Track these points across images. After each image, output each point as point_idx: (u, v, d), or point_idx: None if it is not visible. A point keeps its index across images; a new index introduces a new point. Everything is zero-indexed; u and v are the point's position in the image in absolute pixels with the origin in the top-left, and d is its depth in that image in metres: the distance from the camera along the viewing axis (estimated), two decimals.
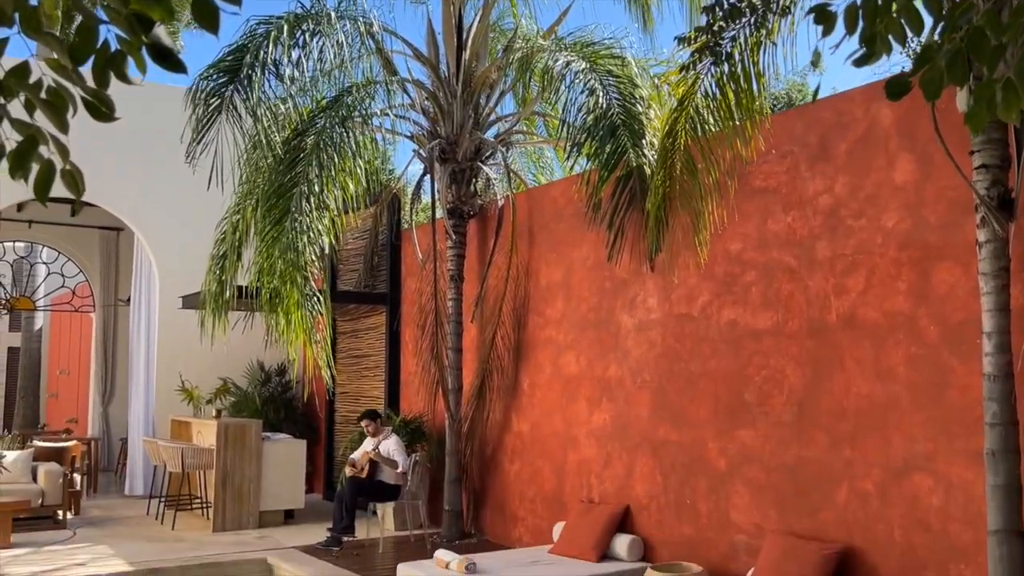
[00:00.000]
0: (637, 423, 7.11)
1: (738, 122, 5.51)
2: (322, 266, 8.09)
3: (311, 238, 7.46)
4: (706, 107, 5.61)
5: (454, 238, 8.89)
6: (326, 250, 7.85)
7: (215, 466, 9.24)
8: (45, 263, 15.87)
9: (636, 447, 7.10)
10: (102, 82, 1.73)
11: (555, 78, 7.91)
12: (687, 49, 5.41)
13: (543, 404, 8.20)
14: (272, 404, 11.44)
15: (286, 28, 7.79)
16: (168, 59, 1.71)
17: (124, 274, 14.11)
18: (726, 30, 5.16)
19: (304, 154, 7.66)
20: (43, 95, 1.75)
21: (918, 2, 2.26)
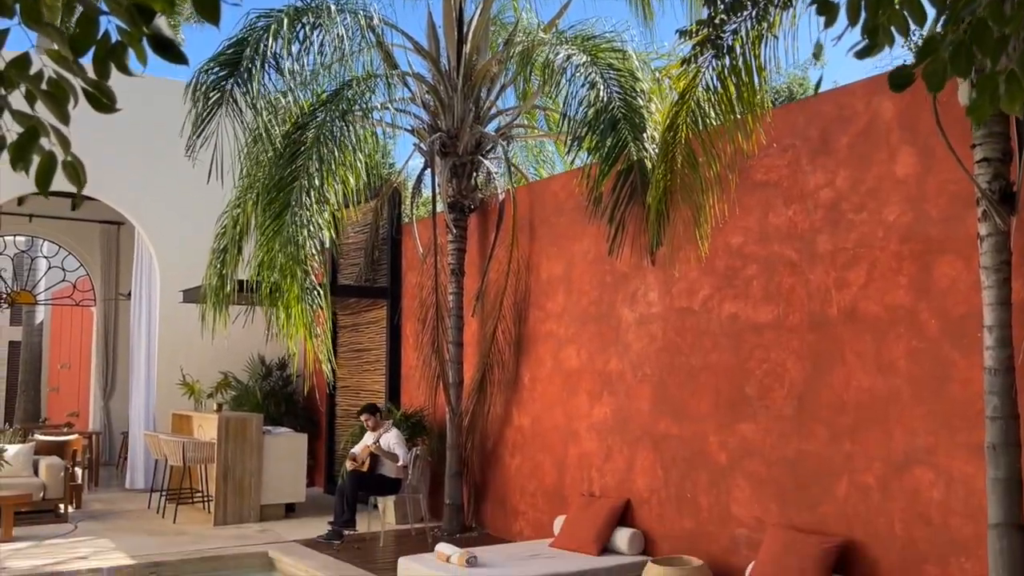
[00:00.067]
0: (638, 417, 7.11)
1: (739, 115, 5.50)
2: (322, 260, 8.08)
3: (311, 232, 7.46)
4: (707, 100, 5.60)
5: (455, 232, 8.88)
6: (326, 244, 7.84)
7: (216, 460, 9.25)
8: (46, 257, 15.86)
9: (637, 441, 7.10)
10: (103, 73, 1.72)
11: (556, 72, 7.91)
12: (688, 42, 5.40)
13: (544, 398, 8.21)
14: (273, 398, 11.45)
15: (286, 21, 7.78)
16: (169, 50, 1.71)
17: (125, 268, 14.10)
18: (727, 23, 5.14)
19: (304, 148, 7.65)
20: (44, 86, 1.74)
21: None
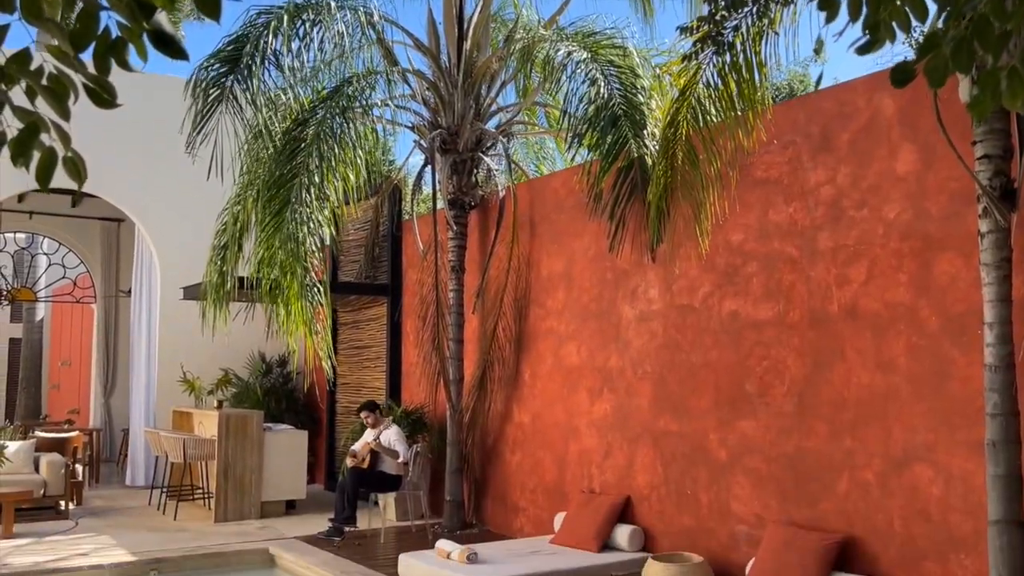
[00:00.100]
0: (638, 414, 7.11)
1: (740, 112, 5.49)
2: (322, 257, 8.08)
3: (311, 229, 7.46)
4: (708, 97, 5.59)
5: (455, 229, 8.88)
6: (327, 241, 7.84)
7: (217, 457, 9.26)
8: (46, 254, 15.86)
9: (637, 438, 7.10)
10: (103, 69, 1.72)
11: (556, 68, 7.90)
12: (689, 39, 5.39)
13: (544, 395, 8.21)
14: (273, 395, 11.46)
15: (286, 18, 7.77)
16: (170, 46, 1.71)
17: (125, 265, 14.10)
18: (728, 19, 5.14)
19: (304, 145, 7.65)
20: (44, 82, 1.74)
21: None
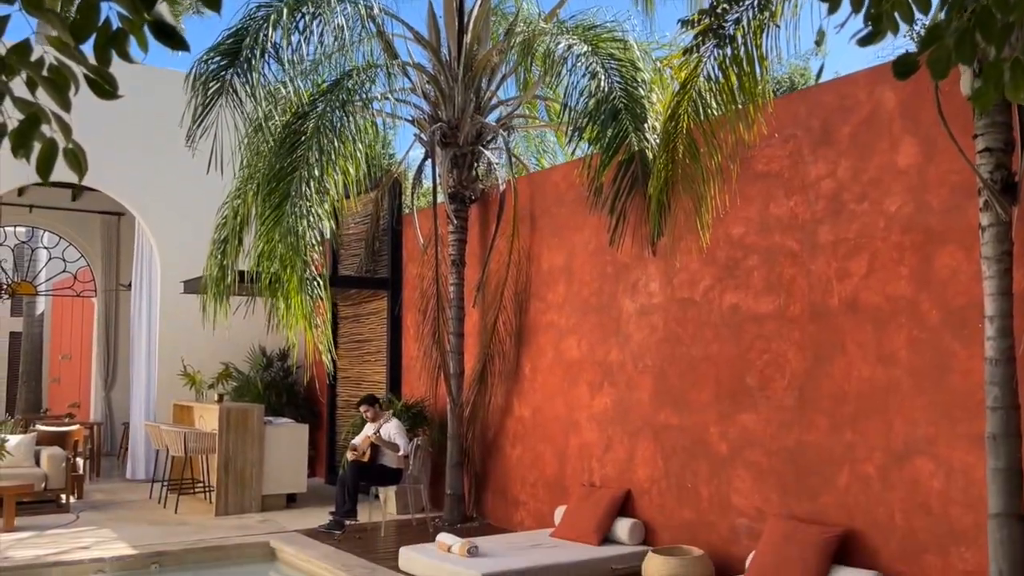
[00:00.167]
0: (638, 407, 7.12)
1: (741, 105, 5.49)
2: (322, 251, 8.08)
3: (311, 222, 7.45)
4: (709, 90, 5.58)
5: (455, 223, 8.88)
6: (327, 235, 7.83)
7: (217, 450, 9.27)
8: (46, 248, 15.87)
9: (637, 431, 7.11)
10: (104, 60, 1.72)
11: (557, 62, 7.88)
12: (690, 32, 5.39)
13: (544, 388, 8.21)
14: (274, 389, 11.47)
15: (286, 11, 7.75)
16: (171, 37, 1.70)
17: (125, 259, 14.10)
18: (729, 12, 5.13)
19: (304, 138, 7.63)
20: (45, 73, 1.74)
21: None
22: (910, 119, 5.29)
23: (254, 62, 7.56)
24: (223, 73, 7.66)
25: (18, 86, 1.79)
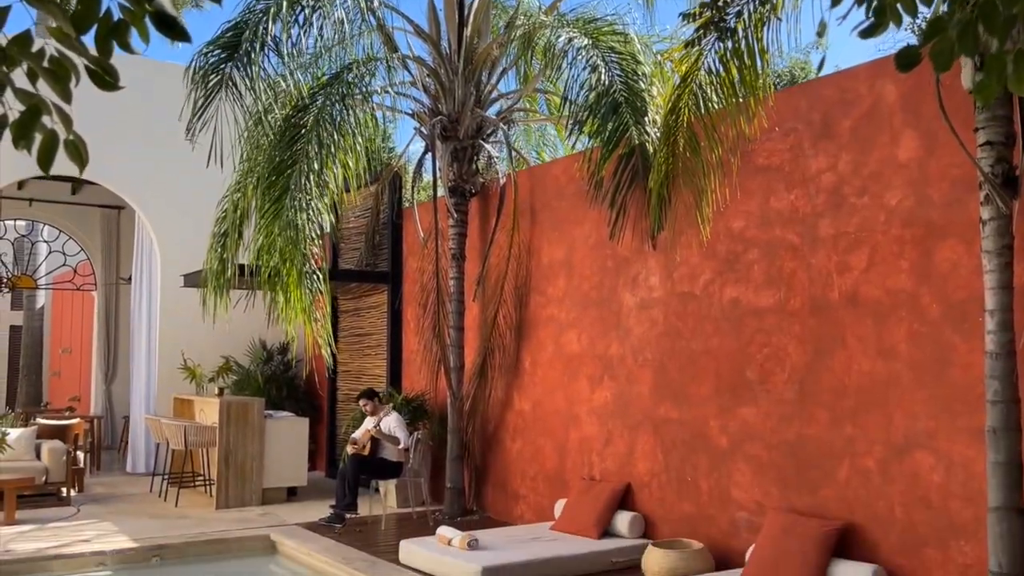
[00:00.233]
0: (638, 401, 7.12)
1: (741, 99, 5.48)
2: (322, 244, 8.07)
3: (311, 216, 7.44)
4: (709, 84, 5.57)
5: (455, 216, 8.87)
6: (326, 228, 7.82)
7: (218, 444, 9.28)
8: (46, 241, 15.86)
9: (637, 425, 7.12)
10: (105, 51, 1.71)
11: (557, 55, 7.87)
12: (691, 25, 5.38)
13: (545, 382, 8.22)
14: (274, 382, 11.47)
15: (285, 4, 7.73)
16: (172, 28, 1.70)
17: (125, 252, 14.10)
18: (731, 5, 5.12)
19: (304, 131, 7.62)
20: (46, 64, 1.73)
21: None
22: (911, 113, 5.29)
23: (254, 55, 7.54)
24: (223, 66, 7.64)
25: (19, 77, 1.79)
